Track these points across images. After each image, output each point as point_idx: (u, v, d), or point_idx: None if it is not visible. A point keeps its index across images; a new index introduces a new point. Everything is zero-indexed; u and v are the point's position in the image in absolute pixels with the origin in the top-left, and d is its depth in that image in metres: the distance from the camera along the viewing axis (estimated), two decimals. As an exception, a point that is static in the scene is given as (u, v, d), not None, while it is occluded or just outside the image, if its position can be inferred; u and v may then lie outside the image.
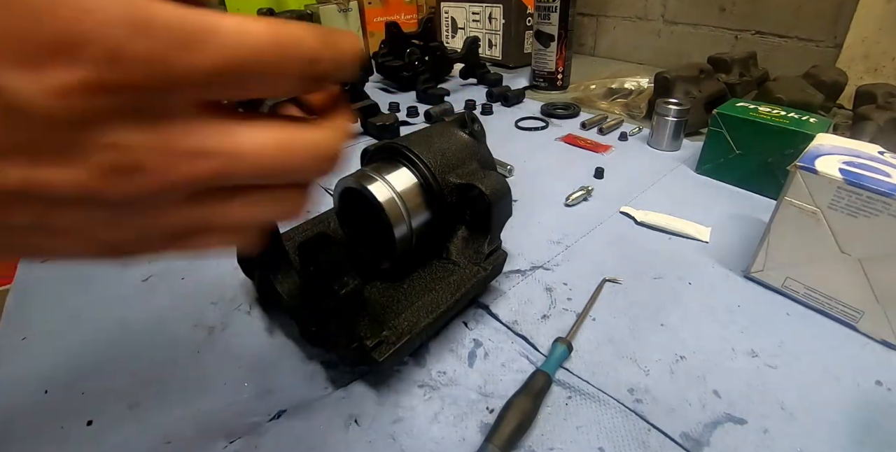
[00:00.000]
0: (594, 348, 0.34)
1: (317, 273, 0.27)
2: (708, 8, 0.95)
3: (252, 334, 0.36)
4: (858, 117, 0.59)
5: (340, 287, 0.26)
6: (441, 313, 0.31)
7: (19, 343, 0.36)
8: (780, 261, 0.38)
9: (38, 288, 0.41)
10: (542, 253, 0.44)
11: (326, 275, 0.26)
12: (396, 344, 0.29)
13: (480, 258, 0.34)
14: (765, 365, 0.33)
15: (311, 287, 0.28)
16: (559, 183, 0.55)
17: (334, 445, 0.28)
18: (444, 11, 1.15)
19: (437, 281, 0.33)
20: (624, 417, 0.29)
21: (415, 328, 0.30)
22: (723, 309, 0.37)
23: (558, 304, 0.38)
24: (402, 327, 0.30)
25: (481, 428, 0.29)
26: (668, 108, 0.61)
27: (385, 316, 0.31)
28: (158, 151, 0.13)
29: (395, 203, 0.30)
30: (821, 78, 0.65)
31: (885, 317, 0.33)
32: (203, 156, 0.13)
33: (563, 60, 0.88)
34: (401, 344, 0.29)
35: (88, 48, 0.11)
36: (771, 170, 0.51)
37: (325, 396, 0.31)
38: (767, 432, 0.28)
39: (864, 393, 0.31)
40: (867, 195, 0.31)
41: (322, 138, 0.15)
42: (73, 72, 0.11)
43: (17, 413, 0.30)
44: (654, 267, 0.42)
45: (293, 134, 0.15)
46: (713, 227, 0.46)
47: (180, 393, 0.31)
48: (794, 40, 0.86)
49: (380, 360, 0.28)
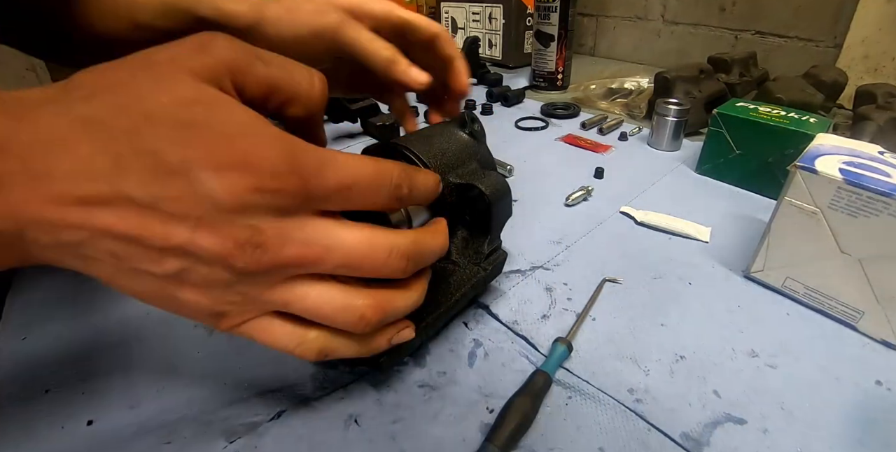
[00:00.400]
0: (594, 348, 0.34)
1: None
2: (708, 8, 0.95)
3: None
4: (858, 117, 0.59)
5: None
6: (441, 313, 0.31)
7: (19, 343, 0.36)
8: (780, 261, 0.38)
9: (38, 288, 0.41)
10: (542, 253, 0.44)
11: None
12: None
13: (480, 258, 0.34)
14: (765, 365, 0.33)
15: None
16: (559, 183, 0.55)
17: (334, 445, 0.28)
18: (444, 11, 1.15)
19: (437, 281, 0.33)
20: (624, 417, 0.29)
21: (415, 328, 0.30)
22: (723, 309, 0.37)
23: (558, 304, 0.38)
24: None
25: (481, 428, 0.29)
26: (668, 108, 0.61)
27: None
28: (278, 235, 0.18)
29: None
30: (821, 78, 0.65)
31: (885, 317, 0.33)
32: (308, 244, 0.18)
33: (563, 60, 0.88)
34: (402, 344, 0.29)
35: (261, 166, 0.17)
36: (771, 170, 0.51)
37: (325, 396, 0.31)
38: (767, 432, 0.28)
39: (864, 393, 0.31)
40: (867, 195, 0.31)
41: (402, 240, 0.21)
42: (247, 179, 0.16)
43: (18, 413, 0.30)
44: (654, 267, 0.42)
45: (379, 235, 0.20)
46: (713, 227, 0.46)
47: (180, 394, 0.31)
48: (794, 40, 0.86)
49: (380, 361, 0.28)
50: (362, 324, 0.21)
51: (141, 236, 0.16)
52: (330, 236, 0.19)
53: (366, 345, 0.24)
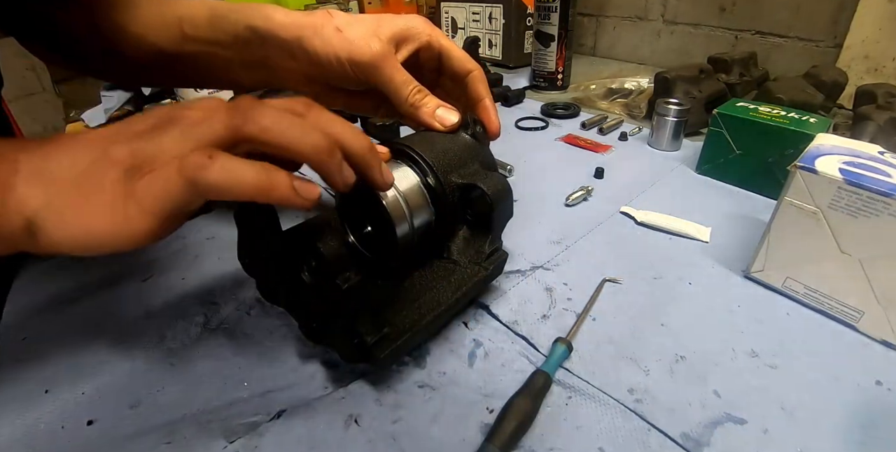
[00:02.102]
0: (594, 348, 0.34)
1: (318, 267, 0.27)
2: (708, 8, 0.95)
3: (252, 334, 0.36)
4: (858, 117, 0.59)
5: (343, 281, 0.26)
6: (442, 311, 0.31)
7: (20, 343, 0.36)
8: (780, 261, 0.38)
9: (39, 288, 0.41)
10: (542, 253, 0.44)
11: (329, 269, 0.26)
12: (397, 341, 0.29)
13: (481, 258, 0.34)
14: (765, 365, 0.33)
15: (313, 281, 0.28)
16: (559, 183, 0.55)
17: (334, 445, 0.28)
18: (445, 11, 1.15)
19: (438, 280, 0.33)
20: (624, 417, 0.29)
21: (416, 325, 0.30)
22: (723, 309, 0.37)
23: (558, 304, 0.38)
24: (403, 324, 0.30)
25: (481, 429, 0.29)
26: (668, 108, 0.61)
27: (386, 313, 0.31)
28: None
29: (398, 201, 0.30)
30: (821, 78, 0.65)
31: (885, 317, 0.33)
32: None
33: (563, 60, 0.88)
34: (401, 341, 0.29)
35: (225, 116, 0.21)
36: (771, 170, 0.51)
37: (325, 396, 0.31)
38: (767, 432, 0.28)
39: (864, 393, 0.31)
40: (867, 195, 0.31)
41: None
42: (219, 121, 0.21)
43: (18, 413, 0.30)
44: (654, 267, 0.42)
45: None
46: (713, 227, 0.46)
47: (180, 393, 0.31)
48: (794, 40, 0.86)
49: (380, 357, 0.28)
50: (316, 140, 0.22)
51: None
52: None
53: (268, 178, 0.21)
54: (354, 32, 0.33)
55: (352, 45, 0.32)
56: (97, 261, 0.44)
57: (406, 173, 0.31)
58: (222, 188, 0.20)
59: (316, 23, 0.33)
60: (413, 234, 0.31)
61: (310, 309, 0.31)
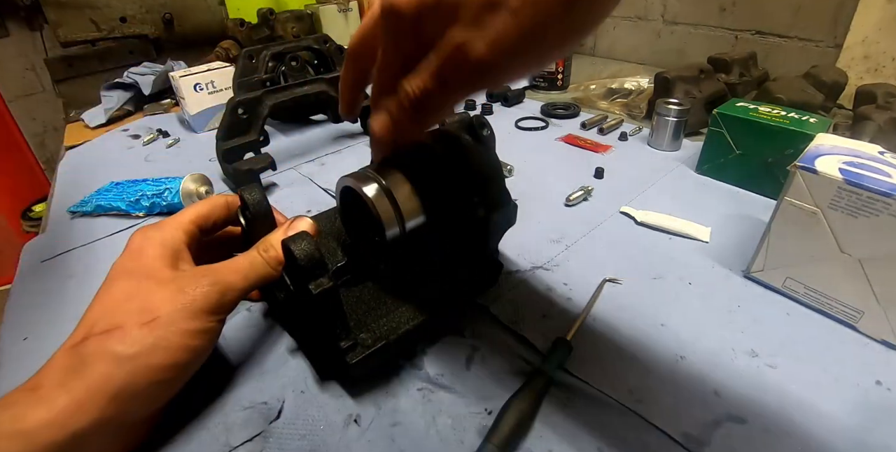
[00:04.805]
0: (594, 348, 0.34)
1: (292, 271, 0.27)
2: (708, 8, 0.95)
3: (252, 334, 0.36)
4: (858, 117, 0.59)
5: (316, 287, 0.26)
6: (422, 322, 0.31)
7: (20, 343, 0.36)
8: (780, 261, 0.38)
9: (39, 288, 0.41)
10: (542, 253, 0.44)
11: (300, 273, 0.26)
12: (371, 348, 0.29)
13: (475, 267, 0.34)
14: (765, 365, 0.33)
15: (291, 286, 0.28)
16: (559, 183, 0.55)
17: (334, 445, 0.28)
18: (444, 11, 1.15)
19: (427, 287, 0.33)
20: (624, 417, 0.29)
21: (392, 334, 0.30)
22: (723, 309, 0.37)
23: (558, 304, 0.38)
24: (381, 331, 0.30)
25: (480, 430, 0.28)
26: (668, 108, 0.61)
27: (368, 317, 0.31)
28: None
29: (386, 204, 0.30)
30: (821, 78, 0.65)
31: (885, 317, 0.33)
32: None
33: (563, 60, 0.88)
34: (375, 348, 0.29)
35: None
36: (771, 170, 0.51)
37: (326, 396, 0.31)
38: (768, 432, 0.28)
39: (864, 393, 0.31)
40: (867, 195, 0.31)
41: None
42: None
43: (18, 414, 0.30)
44: (654, 267, 0.42)
45: None
46: (713, 227, 0.46)
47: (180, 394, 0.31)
48: (794, 40, 0.86)
49: (351, 363, 0.28)
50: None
51: None
52: None
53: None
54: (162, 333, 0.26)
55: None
56: (97, 261, 0.44)
57: (401, 176, 0.31)
58: None
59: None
60: (404, 238, 0.31)
61: (293, 313, 0.31)
